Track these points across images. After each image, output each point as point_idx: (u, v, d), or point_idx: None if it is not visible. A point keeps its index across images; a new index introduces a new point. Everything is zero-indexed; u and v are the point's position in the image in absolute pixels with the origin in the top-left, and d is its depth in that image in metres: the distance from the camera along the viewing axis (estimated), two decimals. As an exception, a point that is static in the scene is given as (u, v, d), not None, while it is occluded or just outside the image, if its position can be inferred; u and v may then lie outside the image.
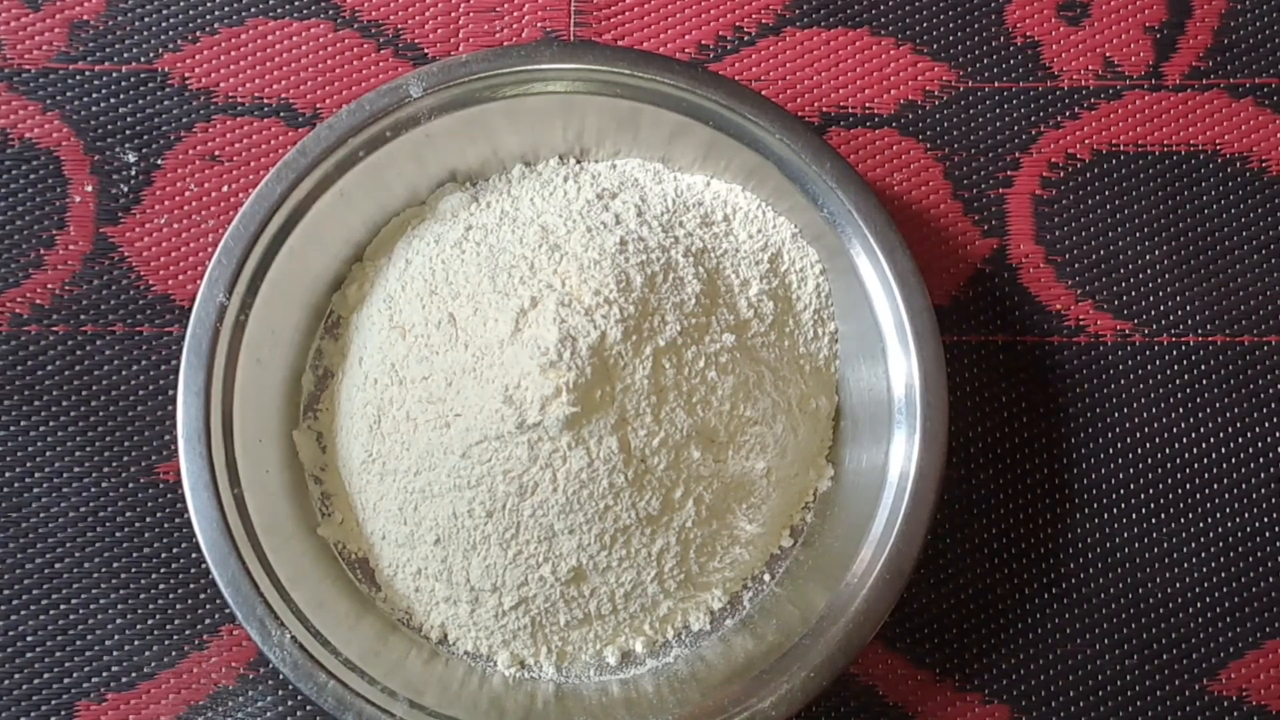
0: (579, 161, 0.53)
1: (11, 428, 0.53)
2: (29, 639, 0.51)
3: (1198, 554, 0.53)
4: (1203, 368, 0.55)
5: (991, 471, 0.54)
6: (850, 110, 0.57)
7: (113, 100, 0.56)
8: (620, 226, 0.49)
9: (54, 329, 0.54)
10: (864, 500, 0.49)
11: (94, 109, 0.55)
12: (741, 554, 0.50)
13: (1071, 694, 0.52)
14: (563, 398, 0.45)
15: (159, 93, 0.56)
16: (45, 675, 0.51)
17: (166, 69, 0.56)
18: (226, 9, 0.57)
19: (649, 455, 0.47)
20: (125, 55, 0.56)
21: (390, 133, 0.49)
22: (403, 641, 0.49)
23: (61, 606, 0.51)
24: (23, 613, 0.51)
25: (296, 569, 0.48)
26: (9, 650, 0.51)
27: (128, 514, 0.52)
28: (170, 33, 0.56)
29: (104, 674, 0.51)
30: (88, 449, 0.53)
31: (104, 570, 0.52)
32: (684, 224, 0.51)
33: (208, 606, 0.52)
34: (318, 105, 0.56)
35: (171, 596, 0.52)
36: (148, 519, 0.52)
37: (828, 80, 0.57)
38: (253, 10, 0.57)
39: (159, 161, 0.55)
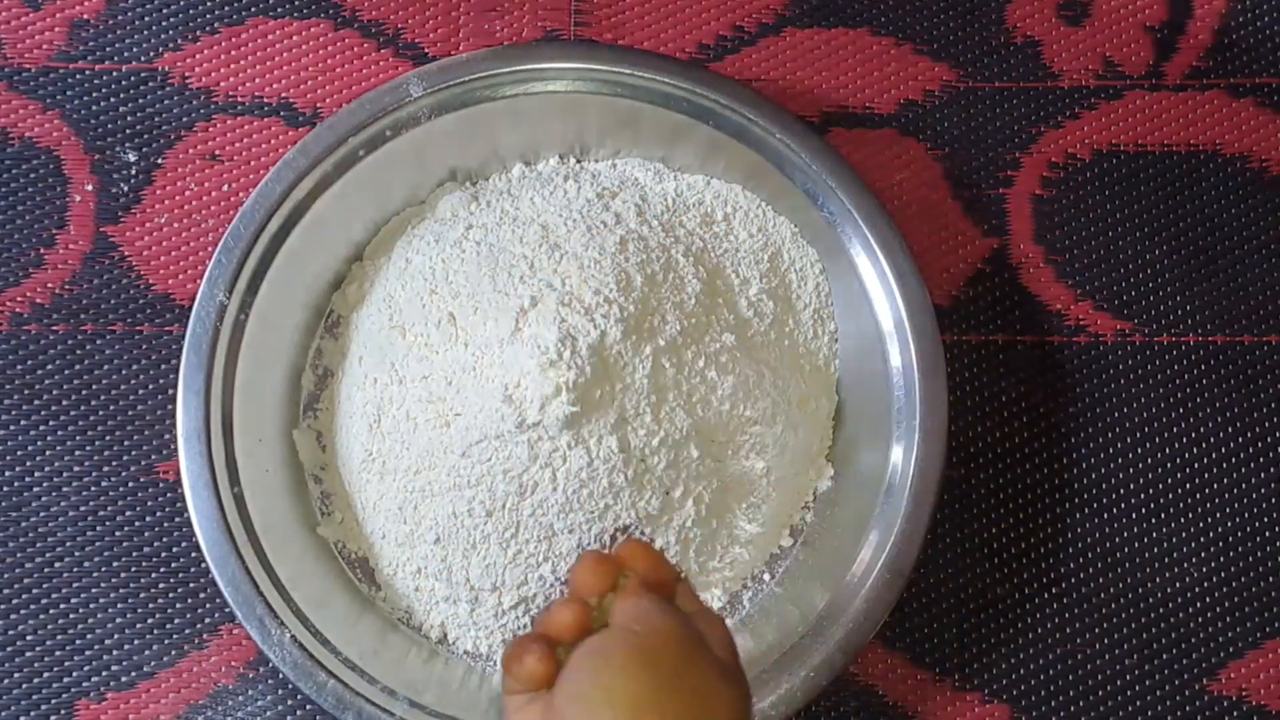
0: (579, 161, 0.53)
1: (11, 427, 0.53)
2: (29, 638, 0.51)
3: (1197, 554, 0.53)
4: (1203, 367, 0.55)
5: (991, 471, 0.54)
6: (850, 110, 0.57)
7: (113, 100, 0.56)
8: (620, 226, 0.49)
9: (54, 328, 0.54)
10: (864, 500, 0.49)
11: (94, 108, 0.55)
12: (741, 554, 0.50)
13: (1071, 694, 0.52)
14: (562, 397, 0.45)
15: (159, 92, 0.56)
16: (45, 674, 0.51)
17: (167, 68, 0.56)
18: (227, 8, 0.57)
19: (649, 455, 0.46)
20: (125, 54, 0.56)
21: (390, 132, 0.49)
22: (402, 641, 0.49)
23: (61, 606, 0.51)
24: (22, 612, 0.51)
25: (296, 568, 0.48)
26: (9, 649, 0.51)
27: (127, 513, 0.52)
28: (170, 32, 0.56)
29: (104, 673, 0.51)
30: (87, 448, 0.53)
31: (104, 569, 0.52)
32: (684, 223, 0.51)
33: (208, 606, 0.52)
34: (318, 105, 0.56)
35: (171, 596, 0.52)
36: (147, 518, 0.52)
37: (828, 80, 0.57)
38: (253, 10, 0.57)
39: (159, 161, 0.55)
